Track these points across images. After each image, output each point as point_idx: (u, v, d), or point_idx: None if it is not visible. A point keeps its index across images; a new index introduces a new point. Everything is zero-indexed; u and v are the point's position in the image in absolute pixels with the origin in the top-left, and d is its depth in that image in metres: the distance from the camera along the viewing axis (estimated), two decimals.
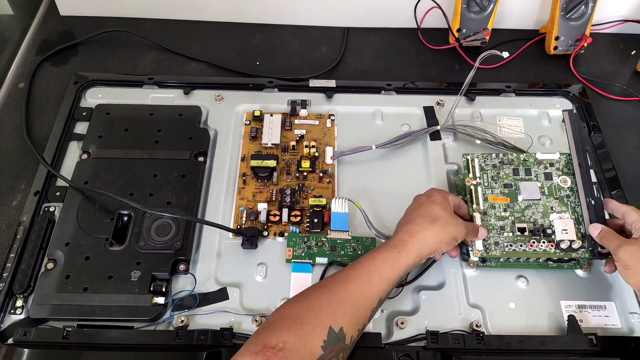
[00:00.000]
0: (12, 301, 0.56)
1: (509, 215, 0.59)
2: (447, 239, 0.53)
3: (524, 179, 0.61)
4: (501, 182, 0.61)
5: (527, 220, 0.59)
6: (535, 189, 0.60)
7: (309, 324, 0.45)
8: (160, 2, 0.86)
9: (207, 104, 0.74)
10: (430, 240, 0.52)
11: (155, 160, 0.66)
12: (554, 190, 0.60)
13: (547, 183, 0.61)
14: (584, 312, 0.57)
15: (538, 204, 0.59)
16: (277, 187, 0.66)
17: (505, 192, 0.60)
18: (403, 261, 0.50)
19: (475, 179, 0.61)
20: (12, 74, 0.80)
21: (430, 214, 0.53)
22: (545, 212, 0.59)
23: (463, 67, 0.82)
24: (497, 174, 0.61)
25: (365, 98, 0.76)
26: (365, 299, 0.48)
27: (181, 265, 0.58)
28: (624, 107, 0.79)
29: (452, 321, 0.56)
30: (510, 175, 0.61)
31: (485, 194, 0.60)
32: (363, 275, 0.49)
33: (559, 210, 0.59)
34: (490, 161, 0.62)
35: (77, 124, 0.72)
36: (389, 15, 0.87)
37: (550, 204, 0.59)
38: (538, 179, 0.61)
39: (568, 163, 0.61)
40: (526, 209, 0.59)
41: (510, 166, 0.62)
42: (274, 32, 0.87)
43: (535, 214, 0.59)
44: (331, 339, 0.44)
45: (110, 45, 0.84)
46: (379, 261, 0.50)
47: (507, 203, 0.60)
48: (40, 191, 0.64)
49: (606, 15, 0.86)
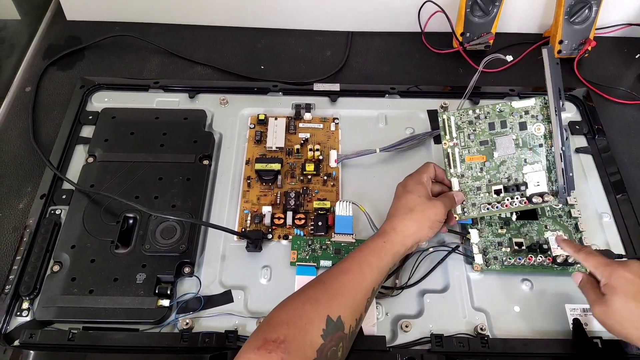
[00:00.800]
0: (18, 303, 0.57)
1: (485, 174, 0.60)
2: (428, 224, 0.55)
3: (499, 132, 0.60)
4: (477, 139, 0.61)
5: (501, 178, 0.59)
6: (509, 143, 0.59)
7: (307, 315, 0.45)
8: (166, 7, 0.86)
9: (212, 108, 0.74)
10: (412, 229, 0.54)
11: (161, 164, 0.67)
12: (528, 140, 0.59)
13: (522, 134, 0.60)
14: (589, 316, 0.57)
15: (512, 158, 0.59)
16: (281, 190, 0.66)
17: (481, 149, 0.60)
18: (389, 251, 0.53)
19: (452, 140, 0.61)
20: (19, 78, 0.81)
21: (407, 205, 0.55)
22: (519, 166, 0.59)
23: (467, 71, 0.82)
24: (474, 131, 0.61)
25: (369, 102, 0.76)
26: (360, 289, 0.49)
27: (186, 267, 0.59)
28: (628, 111, 0.79)
29: (456, 324, 0.56)
30: (487, 130, 0.60)
31: (462, 155, 0.61)
32: (354, 266, 0.51)
33: (532, 161, 0.59)
34: (466, 117, 0.61)
35: (84, 127, 0.72)
36: (392, 20, 0.87)
37: (524, 156, 0.59)
38: (513, 131, 0.60)
39: (542, 108, 0.60)
40: (501, 164, 0.60)
41: (486, 120, 0.61)
42: (278, 36, 0.88)
43: (509, 168, 0.59)
44: (330, 327, 0.45)
45: (116, 50, 0.85)
46: (367, 252, 0.52)
47: (483, 162, 0.60)
48: (47, 194, 0.64)
49: (610, 19, 0.86)
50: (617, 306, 0.48)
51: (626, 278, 0.49)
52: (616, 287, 0.49)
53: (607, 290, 0.49)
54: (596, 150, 0.71)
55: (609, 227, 0.64)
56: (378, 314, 0.57)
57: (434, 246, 0.61)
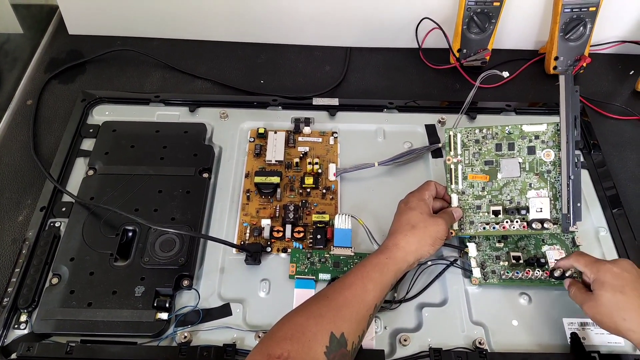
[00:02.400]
0: (16, 316, 0.56)
1: (487, 194, 0.59)
2: (430, 240, 0.55)
3: (505, 154, 0.60)
4: (482, 158, 0.60)
5: (503, 199, 0.59)
6: (515, 166, 0.59)
7: (310, 331, 0.45)
8: (167, 22, 0.88)
9: (212, 122, 0.75)
10: (414, 246, 0.55)
11: (161, 177, 0.67)
12: (535, 166, 0.59)
13: (529, 158, 0.59)
14: (586, 330, 0.57)
15: (517, 181, 0.59)
16: (280, 203, 0.66)
17: (485, 169, 0.60)
18: (391, 267, 0.53)
19: (456, 157, 0.61)
20: (21, 91, 0.81)
21: (409, 221, 0.56)
22: (524, 189, 0.58)
23: (464, 86, 0.83)
24: (479, 150, 0.61)
25: (368, 116, 0.77)
26: (362, 304, 0.49)
27: (185, 280, 0.59)
28: (623, 126, 0.80)
29: (455, 338, 0.56)
30: (493, 150, 0.60)
31: (465, 173, 0.61)
32: (357, 281, 0.51)
33: (537, 186, 0.58)
34: (472, 136, 0.61)
35: (84, 140, 0.73)
36: (390, 36, 0.88)
37: (529, 180, 0.58)
38: (520, 154, 0.59)
39: (554, 135, 0.59)
40: (504, 186, 0.59)
41: (493, 140, 0.60)
42: (278, 51, 0.89)
43: (512, 191, 0.59)
44: (333, 344, 0.45)
45: (118, 64, 0.85)
46: (370, 267, 0.52)
47: (486, 181, 0.59)
48: (46, 207, 0.64)
49: (604, 36, 0.88)
50: (605, 299, 0.50)
51: (613, 272, 0.50)
52: (604, 282, 0.50)
53: (595, 286, 0.51)
54: (592, 165, 0.72)
55: (606, 241, 0.65)
56: (376, 327, 0.56)
57: (432, 259, 0.61)
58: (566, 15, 0.80)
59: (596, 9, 0.79)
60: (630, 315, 0.48)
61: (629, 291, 0.49)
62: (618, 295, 0.49)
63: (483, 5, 0.79)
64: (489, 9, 0.79)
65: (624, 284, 0.49)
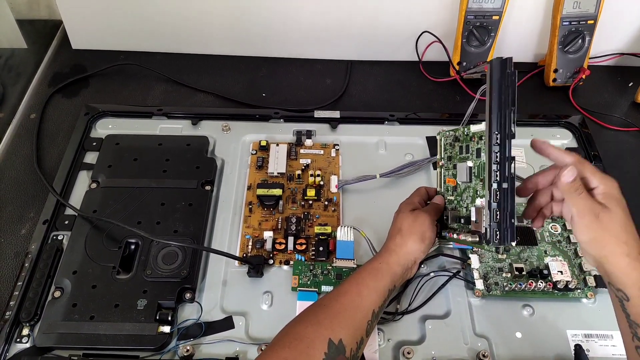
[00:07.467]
0: (18, 330, 0.56)
1: (454, 199, 0.57)
2: (417, 236, 0.55)
3: (463, 157, 0.54)
4: (452, 162, 0.57)
5: (462, 207, 0.54)
6: (464, 170, 0.53)
7: (308, 337, 0.45)
8: (170, 37, 0.89)
9: (214, 134, 0.76)
10: (404, 247, 0.55)
11: (163, 189, 0.67)
12: (481, 171, 0.51)
13: (477, 161, 0.51)
14: (590, 342, 0.57)
15: (469, 188, 0.53)
16: (282, 215, 0.66)
17: (454, 173, 0.56)
18: (386, 272, 0.53)
19: (441, 160, 0.60)
20: (25, 105, 0.82)
21: (396, 225, 0.57)
22: (473, 197, 0.52)
23: (464, 99, 0.84)
24: (451, 153, 0.57)
25: (369, 128, 0.77)
26: (358, 310, 0.49)
27: (187, 293, 0.59)
28: (623, 137, 0.80)
29: (458, 351, 0.56)
30: (458, 154, 0.56)
31: (444, 176, 0.59)
32: (352, 288, 0.51)
33: (482, 194, 0.50)
34: (448, 139, 0.58)
35: (87, 153, 0.73)
36: (391, 49, 0.89)
37: (477, 187, 0.51)
38: (471, 158, 0.53)
39: None
40: (464, 192, 0.55)
41: (458, 143, 0.56)
42: (280, 65, 0.90)
43: (467, 198, 0.53)
44: (331, 351, 0.45)
45: (121, 78, 0.86)
46: (364, 274, 0.53)
47: (453, 186, 0.57)
48: (49, 220, 0.65)
49: (603, 49, 0.89)
50: (619, 217, 0.46)
51: (618, 190, 0.47)
52: (620, 199, 0.47)
53: (607, 199, 0.46)
54: None
55: None
56: (380, 340, 0.56)
57: (434, 271, 0.61)
58: (565, 28, 0.81)
59: (594, 22, 0.80)
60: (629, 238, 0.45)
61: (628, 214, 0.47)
62: (627, 218, 0.46)
63: (482, 19, 0.80)
64: (488, 23, 0.80)
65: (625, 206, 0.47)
